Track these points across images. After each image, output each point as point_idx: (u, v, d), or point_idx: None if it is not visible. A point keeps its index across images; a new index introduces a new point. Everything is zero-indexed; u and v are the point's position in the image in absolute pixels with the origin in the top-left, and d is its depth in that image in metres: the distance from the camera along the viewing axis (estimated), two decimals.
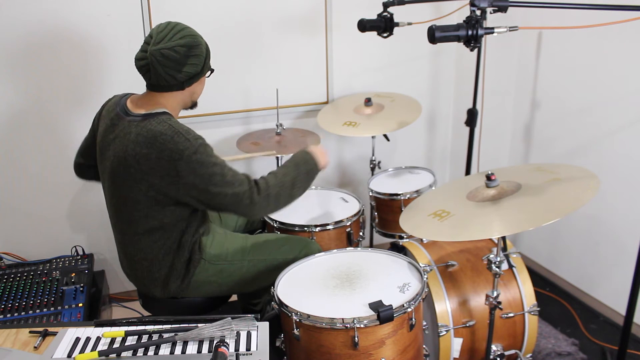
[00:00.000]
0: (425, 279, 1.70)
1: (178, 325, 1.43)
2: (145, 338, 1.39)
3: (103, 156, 1.83)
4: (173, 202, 1.76)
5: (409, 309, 1.60)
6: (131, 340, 1.39)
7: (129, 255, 1.90)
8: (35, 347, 1.38)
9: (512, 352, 2.09)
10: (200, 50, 1.74)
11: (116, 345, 1.37)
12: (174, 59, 1.69)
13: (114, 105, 1.86)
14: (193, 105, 1.90)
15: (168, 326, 1.43)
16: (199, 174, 1.67)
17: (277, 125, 2.63)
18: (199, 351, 1.34)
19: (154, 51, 1.69)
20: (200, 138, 1.70)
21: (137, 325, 1.44)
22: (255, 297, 2.27)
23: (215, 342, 1.36)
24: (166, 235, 1.81)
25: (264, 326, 1.42)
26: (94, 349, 1.35)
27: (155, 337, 1.39)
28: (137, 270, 1.90)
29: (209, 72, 1.85)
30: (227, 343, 1.32)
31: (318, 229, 2.18)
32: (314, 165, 1.92)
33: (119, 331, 1.41)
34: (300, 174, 1.86)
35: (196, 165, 1.66)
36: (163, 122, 1.70)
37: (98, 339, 1.40)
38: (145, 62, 1.71)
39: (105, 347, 1.35)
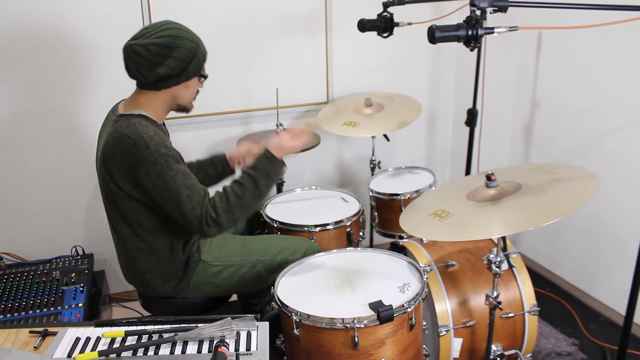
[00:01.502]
0: (425, 279, 1.70)
1: (178, 325, 1.43)
2: (145, 338, 1.39)
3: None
4: (146, 206, 1.74)
5: (409, 309, 1.60)
6: (131, 340, 1.39)
7: (120, 256, 1.92)
8: (35, 347, 1.38)
9: (512, 352, 2.09)
10: (179, 52, 1.67)
11: (116, 345, 1.37)
12: (144, 57, 1.65)
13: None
14: (181, 109, 1.83)
15: (168, 326, 1.43)
16: (156, 186, 1.65)
17: (277, 125, 2.63)
18: (199, 351, 1.34)
19: (127, 45, 1.67)
20: (162, 147, 1.64)
21: (137, 325, 1.44)
22: (255, 297, 2.27)
23: (215, 342, 1.36)
24: (152, 238, 1.80)
25: (264, 326, 1.42)
26: (94, 349, 1.35)
27: (155, 337, 1.39)
28: (130, 270, 1.91)
29: (201, 78, 1.80)
30: (227, 343, 1.32)
31: (318, 229, 2.18)
32: (275, 170, 1.82)
33: (119, 331, 1.41)
34: (260, 187, 1.77)
35: (153, 176, 1.64)
36: (131, 125, 1.66)
37: (98, 339, 1.40)
38: (123, 56, 1.70)
39: (105, 347, 1.35)
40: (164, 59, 1.66)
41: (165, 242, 1.82)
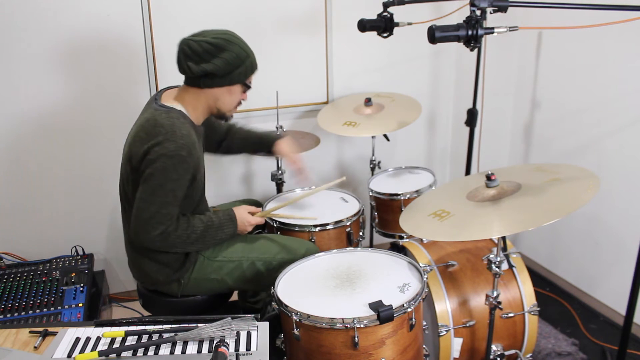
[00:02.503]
0: (425, 279, 1.70)
1: (178, 325, 1.43)
2: (145, 338, 1.39)
3: None
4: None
5: (409, 309, 1.60)
6: (131, 341, 1.39)
7: (125, 236, 1.95)
8: (35, 347, 1.38)
9: (512, 352, 2.09)
10: (228, 55, 1.76)
11: (116, 345, 1.37)
12: (196, 51, 1.74)
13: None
14: (220, 115, 1.89)
15: (168, 326, 1.43)
16: (152, 174, 1.72)
17: (277, 128, 2.63)
18: (199, 351, 1.34)
19: (183, 40, 1.78)
20: (185, 150, 1.71)
21: (137, 325, 1.44)
22: (255, 294, 2.27)
23: (215, 342, 1.36)
24: None
25: (264, 326, 1.42)
26: (94, 349, 1.35)
27: (155, 337, 1.39)
28: (131, 253, 1.94)
29: (245, 88, 1.87)
30: (227, 343, 1.32)
31: (318, 229, 2.17)
32: (229, 235, 1.94)
33: (119, 331, 1.41)
34: (211, 240, 1.89)
35: (158, 166, 1.70)
36: (170, 117, 1.75)
37: (98, 339, 1.40)
38: (177, 50, 1.79)
39: (105, 347, 1.35)
40: (212, 57, 1.75)
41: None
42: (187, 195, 1.83)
